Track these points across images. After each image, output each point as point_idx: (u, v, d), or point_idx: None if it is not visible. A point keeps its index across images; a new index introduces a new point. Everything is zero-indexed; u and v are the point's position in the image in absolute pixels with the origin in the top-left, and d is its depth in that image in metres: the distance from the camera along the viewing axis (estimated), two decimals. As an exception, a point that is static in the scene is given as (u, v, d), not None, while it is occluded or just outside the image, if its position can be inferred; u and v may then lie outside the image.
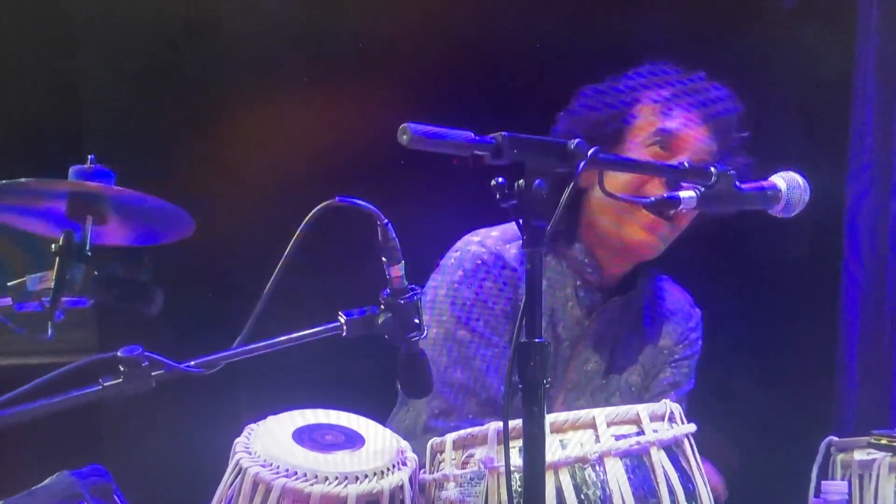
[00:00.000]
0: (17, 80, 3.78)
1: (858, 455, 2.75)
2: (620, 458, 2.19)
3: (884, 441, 2.66)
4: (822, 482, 2.62)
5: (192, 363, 2.02)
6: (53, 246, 2.16)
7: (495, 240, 2.79)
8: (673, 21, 3.92)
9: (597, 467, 2.17)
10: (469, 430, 2.29)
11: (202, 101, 3.87)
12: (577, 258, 2.82)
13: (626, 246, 2.76)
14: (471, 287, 2.72)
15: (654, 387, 2.92)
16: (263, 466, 2.17)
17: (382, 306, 2.20)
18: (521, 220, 1.93)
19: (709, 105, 2.79)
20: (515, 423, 1.99)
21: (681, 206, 2.17)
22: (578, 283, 2.82)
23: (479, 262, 2.75)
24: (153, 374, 1.97)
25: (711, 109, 2.78)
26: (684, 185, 2.21)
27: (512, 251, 2.76)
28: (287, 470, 2.16)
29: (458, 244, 2.82)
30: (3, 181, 2.11)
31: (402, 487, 2.20)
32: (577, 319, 2.82)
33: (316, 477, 2.15)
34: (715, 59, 3.84)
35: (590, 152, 1.99)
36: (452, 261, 2.78)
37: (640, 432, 2.23)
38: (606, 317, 2.86)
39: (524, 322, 1.91)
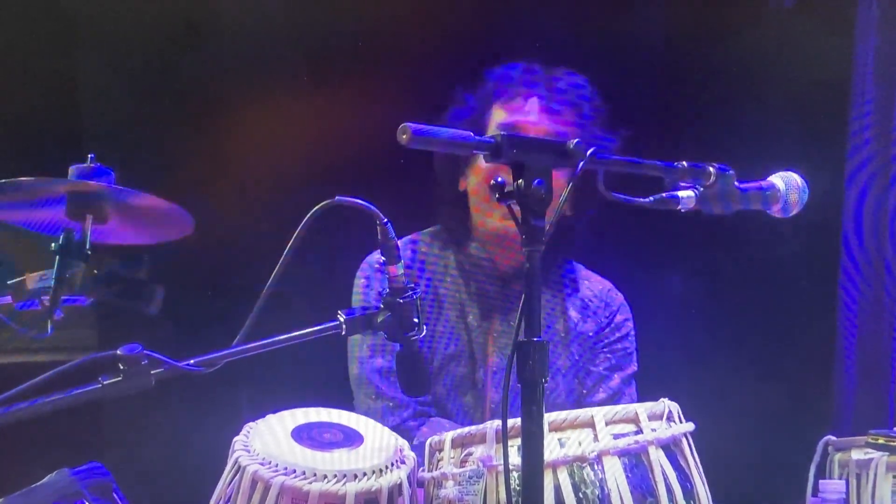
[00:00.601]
0: (17, 80, 3.78)
1: (856, 454, 2.75)
2: (619, 457, 2.19)
3: (881, 440, 2.66)
4: (820, 481, 2.63)
5: (192, 361, 2.02)
6: (53, 244, 2.17)
7: None
8: (672, 20, 3.93)
9: (595, 466, 2.17)
10: (468, 428, 2.30)
11: (202, 100, 3.86)
12: (475, 255, 3.04)
13: (498, 236, 2.96)
14: (373, 288, 2.98)
15: (593, 374, 3.04)
16: (262, 464, 2.18)
17: (381, 305, 2.20)
18: (520, 219, 1.94)
19: (547, 94, 2.97)
20: (514, 422, 2.00)
21: (679, 206, 2.17)
22: (482, 277, 3.03)
23: (377, 266, 2.98)
24: (153, 372, 1.97)
25: (550, 97, 2.96)
26: (683, 184, 2.21)
27: (406, 253, 3.02)
28: (286, 468, 2.16)
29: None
30: (3, 180, 2.12)
31: (400, 486, 2.21)
32: (484, 311, 3.00)
33: (315, 475, 2.15)
34: (714, 57, 3.86)
35: (588, 152, 1.99)
36: (358, 275, 3.06)
37: (639, 431, 2.23)
38: (512, 305, 3.01)
39: (522, 321, 1.92)
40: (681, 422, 2.32)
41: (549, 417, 2.18)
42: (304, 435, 2.27)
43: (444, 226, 3.08)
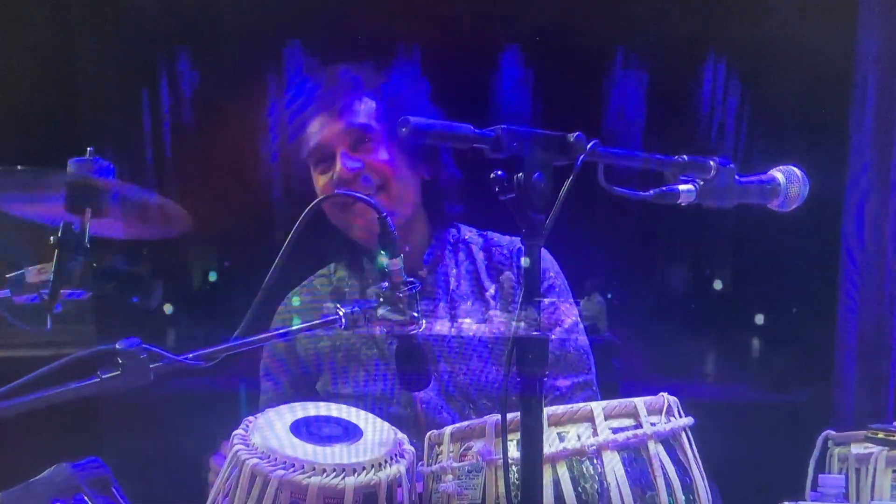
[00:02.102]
0: (18, 72, 3.78)
1: (855, 449, 2.75)
2: (618, 451, 2.19)
3: (881, 435, 2.66)
4: (820, 476, 2.62)
5: (191, 356, 2.01)
6: (52, 238, 2.16)
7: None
8: (672, 15, 3.92)
9: (594, 460, 2.17)
10: (467, 422, 2.30)
11: (202, 96, 3.87)
12: (367, 267, 2.92)
13: (363, 246, 2.83)
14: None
15: None
16: (261, 459, 2.17)
17: (381, 299, 2.20)
18: (519, 214, 1.93)
19: (331, 105, 2.83)
20: (513, 416, 2.00)
21: (680, 200, 2.17)
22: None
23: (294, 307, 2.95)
24: (152, 366, 1.96)
25: (334, 106, 2.82)
26: (683, 178, 2.21)
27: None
28: (285, 462, 2.16)
29: None
30: (2, 167, 2.10)
31: (399, 479, 2.21)
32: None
33: (314, 469, 2.15)
34: (714, 53, 3.86)
35: (589, 145, 1.99)
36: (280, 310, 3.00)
37: (638, 425, 2.23)
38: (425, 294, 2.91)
39: (522, 316, 1.91)
40: (680, 416, 2.32)
41: (548, 411, 2.18)
42: (304, 429, 2.27)
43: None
